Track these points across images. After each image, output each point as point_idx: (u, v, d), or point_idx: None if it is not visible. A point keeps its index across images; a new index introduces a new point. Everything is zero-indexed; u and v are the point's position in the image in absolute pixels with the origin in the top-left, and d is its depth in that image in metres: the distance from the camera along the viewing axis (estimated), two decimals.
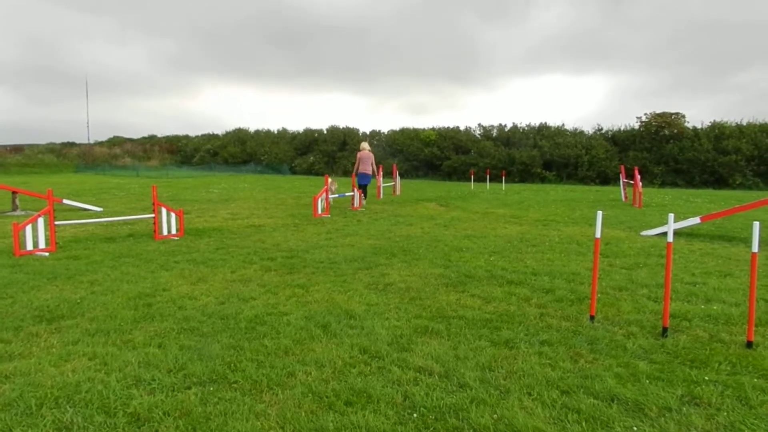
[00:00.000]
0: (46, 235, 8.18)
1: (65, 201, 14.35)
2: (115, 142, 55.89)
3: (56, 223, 8.72)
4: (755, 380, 3.54)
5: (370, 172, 16.24)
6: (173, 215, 9.63)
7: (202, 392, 3.31)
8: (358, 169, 16.12)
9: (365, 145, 16.45)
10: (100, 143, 56.44)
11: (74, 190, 21.29)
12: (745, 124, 30.71)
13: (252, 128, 49.67)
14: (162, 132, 58.31)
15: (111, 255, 7.72)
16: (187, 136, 53.65)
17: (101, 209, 14.03)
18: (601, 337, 4.30)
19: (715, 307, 5.16)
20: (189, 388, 3.37)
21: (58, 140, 56.62)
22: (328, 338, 4.26)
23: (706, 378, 3.56)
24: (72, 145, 54.58)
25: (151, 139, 54.95)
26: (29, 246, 7.81)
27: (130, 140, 55.96)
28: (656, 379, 3.55)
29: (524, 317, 4.85)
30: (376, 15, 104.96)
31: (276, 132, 47.51)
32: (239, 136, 48.21)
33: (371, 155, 16.40)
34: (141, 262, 7.27)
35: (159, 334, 4.32)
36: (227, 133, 49.88)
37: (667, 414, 3.10)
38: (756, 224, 4.14)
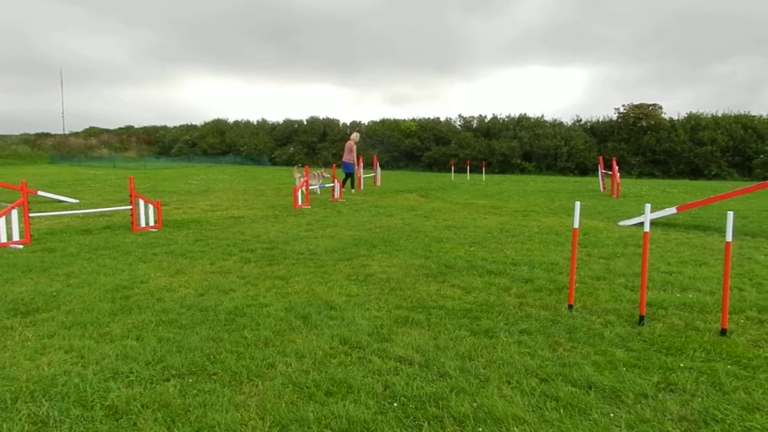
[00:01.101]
0: (20, 228, 8.02)
1: (40, 192, 14.08)
2: (91, 132, 54.85)
3: (31, 215, 8.56)
4: (729, 367, 3.62)
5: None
6: (151, 207, 9.51)
7: (181, 384, 3.28)
8: (355, 158, 17.03)
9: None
10: (76, 134, 55.32)
11: (49, 181, 20.89)
12: (720, 115, 31.24)
13: (231, 119, 49.18)
14: (139, 123, 57.47)
15: (87, 247, 7.61)
16: (165, 127, 52.90)
17: (77, 201, 13.79)
18: (580, 326, 4.35)
19: (690, 296, 5.26)
20: (168, 380, 3.34)
21: (33, 131, 55.53)
22: (308, 329, 4.25)
23: (682, 365, 3.63)
24: (47, 135, 53.43)
25: (128, 130, 54.07)
26: (3, 238, 7.65)
27: (107, 131, 54.97)
28: (633, 366, 3.60)
29: (504, 307, 4.89)
30: (359, 5, 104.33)
31: (255, 123, 47.05)
32: (218, 126, 47.66)
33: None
34: (118, 254, 7.17)
35: (137, 327, 4.28)
36: (206, 124, 49.27)
37: (643, 400, 3.15)
38: (730, 214, 4.21)
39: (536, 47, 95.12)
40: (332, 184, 15.22)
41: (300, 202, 13.01)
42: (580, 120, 35.10)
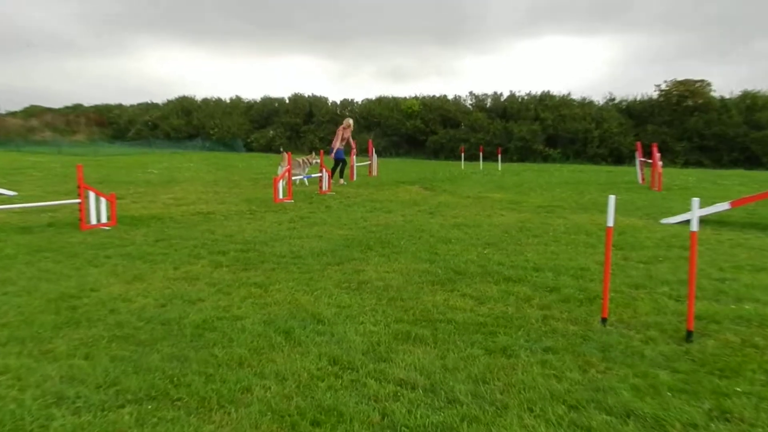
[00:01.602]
0: None
1: None
2: (32, 112, 54.72)
3: None
4: None
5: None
6: (104, 200, 9.48)
7: (138, 411, 3.26)
8: (344, 145, 17.60)
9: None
10: (13, 114, 55.20)
11: None
12: None
13: (199, 96, 49.20)
14: (90, 101, 57.27)
15: (27, 248, 7.57)
16: (120, 106, 52.86)
17: (15, 193, 13.74)
18: (615, 343, 4.34)
19: (747, 307, 5.25)
20: (122, 406, 3.32)
21: None
22: (291, 347, 4.23)
23: (738, 389, 3.62)
24: None
25: (77, 109, 53.96)
26: None
27: (51, 110, 54.87)
28: (679, 391, 3.59)
29: (524, 320, 4.88)
30: None
31: (228, 101, 47.09)
32: (184, 105, 47.67)
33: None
34: (64, 257, 7.15)
35: (86, 343, 4.25)
36: (169, 102, 49.28)
37: (692, 431, 3.14)
38: None
39: (560, 13, 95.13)
40: (320, 174, 15.21)
41: (281, 196, 12.99)
42: (614, 99, 35.23)
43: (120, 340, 4.32)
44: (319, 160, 15.87)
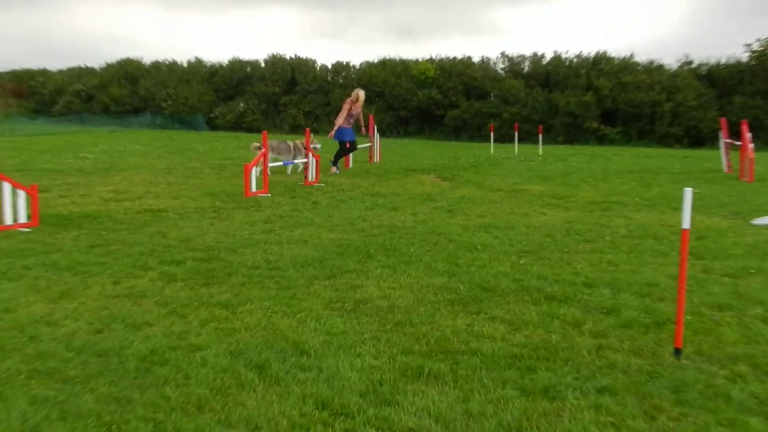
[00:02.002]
0: None
1: None
2: None
3: None
4: None
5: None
6: (22, 194, 9.50)
7: None
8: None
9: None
10: None
11: None
12: None
13: (147, 59, 49.19)
14: (5, 64, 57.45)
15: None
16: (44, 71, 52.96)
17: None
18: (692, 382, 4.32)
19: None
20: None
21: None
22: (266, 385, 4.23)
23: None
24: None
25: None
26: None
27: None
28: None
29: (573, 352, 4.86)
30: None
31: (186, 65, 47.09)
32: (127, 70, 47.73)
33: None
34: None
35: None
36: (109, 67, 49.33)
37: None
38: None
39: None
40: (305, 160, 15.19)
41: (254, 188, 12.98)
42: (691, 62, 35.16)
43: (42, 376, 4.31)
44: (319, 145, 16.05)
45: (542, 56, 37.65)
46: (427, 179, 16.09)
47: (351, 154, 18.79)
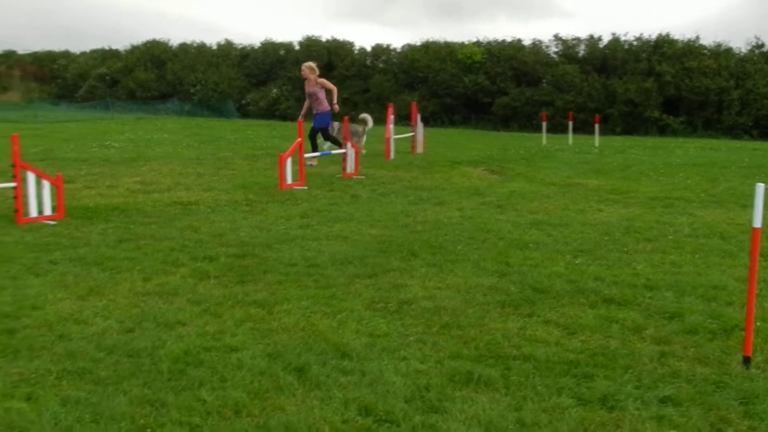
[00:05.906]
0: None
1: None
2: None
3: None
4: None
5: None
6: (47, 185, 9.60)
7: None
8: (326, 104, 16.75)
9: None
10: None
11: None
12: None
13: (175, 41, 49.41)
14: (25, 47, 58.08)
15: None
16: (67, 54, 53.30)
17: None
18: (763, 393, 4.28)
19: None
20: None
21: None
22: (306, 389, 4.25)
23: None
24: None
25: (8, 59, 54.73)
26: None
27: None
28: None
29: (633, 359, 4.84)
30: None
31: (215, 48, 47.26)
32: (154, 53, 47.95)
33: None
34: None
35: (27, 380, 4.31)
36: (134, 49, 49.53)
37: None
38: None
39: None
40: (343, 150, 15.19)
41: (290, 180, 13.02)
42: (762, 45, 34.47)
43: (73, 377, 4.37)
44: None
45: (599, 39, 37.18)
46: (474, 172, 16.03)
47: (393, 145, 18.61)
